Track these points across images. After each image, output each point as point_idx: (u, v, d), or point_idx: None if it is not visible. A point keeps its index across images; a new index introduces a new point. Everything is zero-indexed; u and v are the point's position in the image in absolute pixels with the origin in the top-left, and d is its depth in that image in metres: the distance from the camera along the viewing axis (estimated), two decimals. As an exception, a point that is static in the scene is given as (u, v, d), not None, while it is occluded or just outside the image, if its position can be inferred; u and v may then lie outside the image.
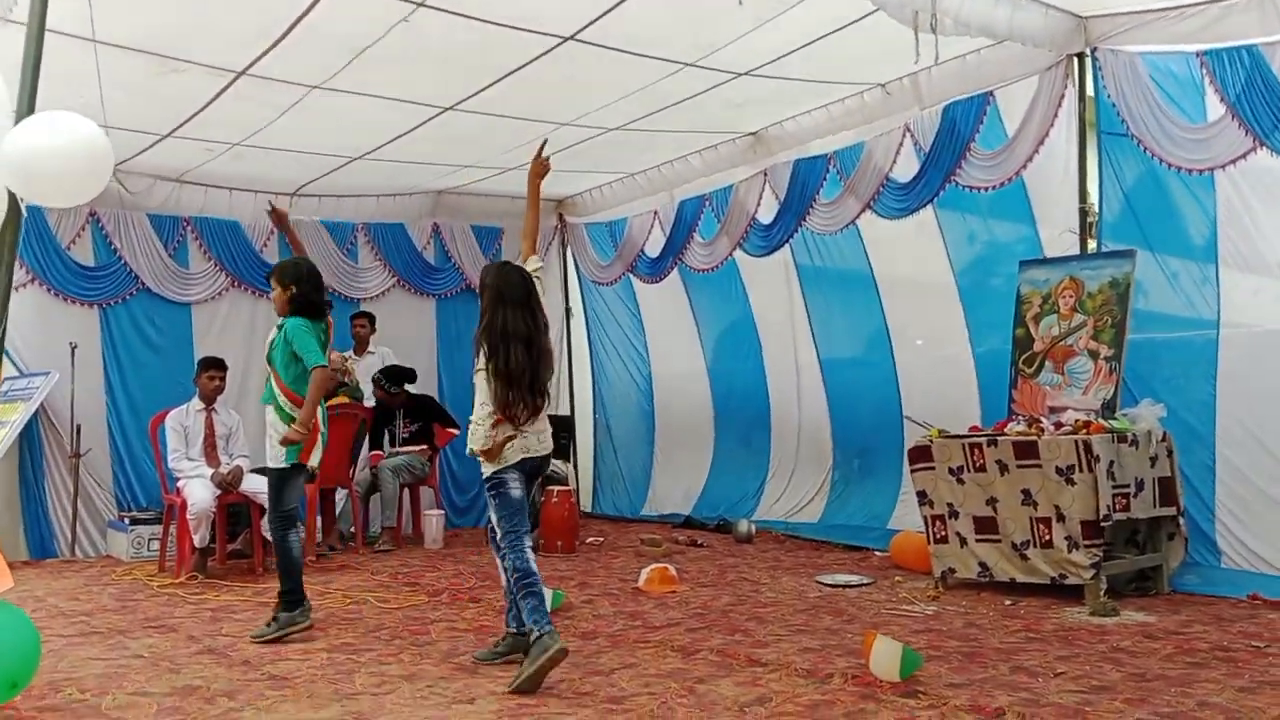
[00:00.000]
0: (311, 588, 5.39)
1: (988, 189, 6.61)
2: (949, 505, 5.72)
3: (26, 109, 3.66)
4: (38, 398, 7.60)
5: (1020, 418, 5.84)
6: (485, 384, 4.25)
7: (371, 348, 8.81)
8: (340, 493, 8.18)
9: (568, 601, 5.59)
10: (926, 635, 4.69)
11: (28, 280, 7.86)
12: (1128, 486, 5.26)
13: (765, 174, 8.00)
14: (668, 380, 9.85)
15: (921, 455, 5.86)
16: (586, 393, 10.46)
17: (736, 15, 5.44)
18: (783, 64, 6.36)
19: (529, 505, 4.42)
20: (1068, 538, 5.18)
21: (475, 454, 4.32)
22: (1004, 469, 5.45)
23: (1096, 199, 6.26)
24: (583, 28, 5.68)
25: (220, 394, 7.23)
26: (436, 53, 5.89)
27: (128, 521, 7.69)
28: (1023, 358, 6.14)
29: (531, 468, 4.38)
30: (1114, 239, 6.10)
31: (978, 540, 5.60)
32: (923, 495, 5.87)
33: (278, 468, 5.13)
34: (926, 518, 5.87)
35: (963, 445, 5.65)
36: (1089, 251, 6.21)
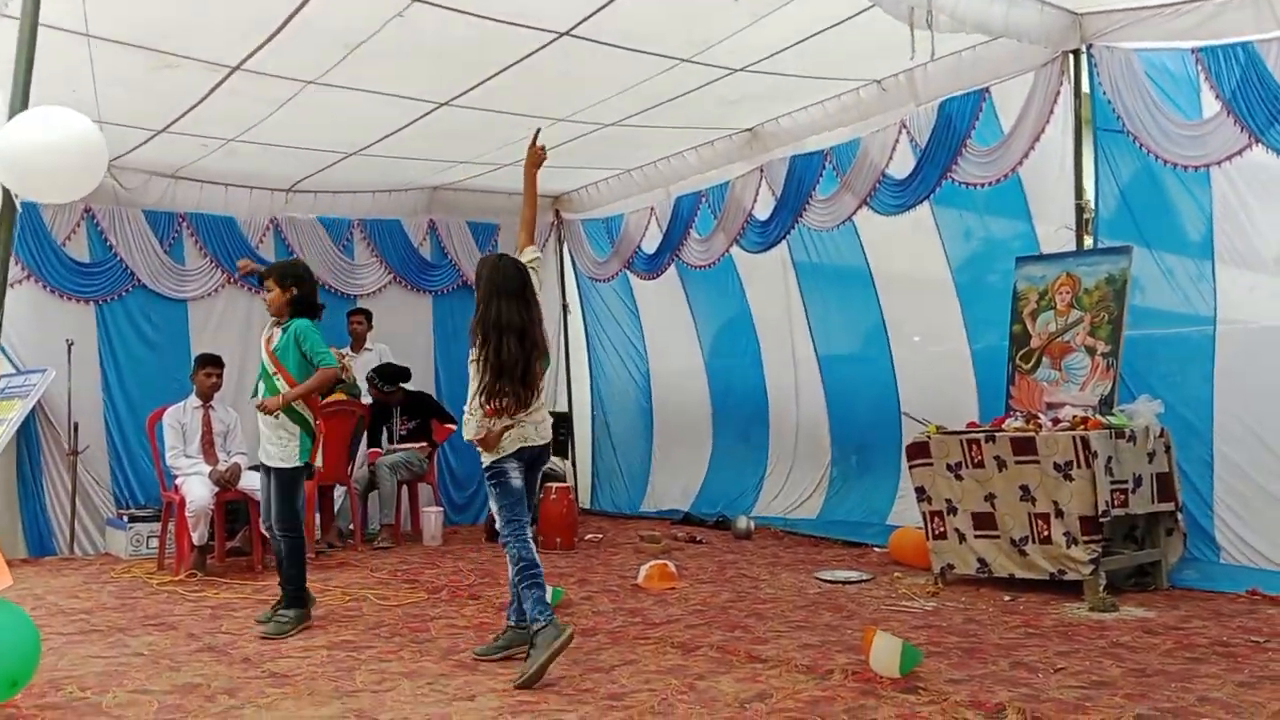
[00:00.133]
0: (311, 585, 5.38)
1: (984, 185, 6.62)
2: (947, 501, 5.73)
3: (20, 104, 3.65)
4: (34, 395, 7.52)
5: (1018, 414, 5.84)
6: (477, 373, 4.27)
7: (369, 344, 8.80)
8: (339, 490, 8.17)
9: (567, 598, 5.59)
10: (926, 631, 4.70)
11: (23, 277, 7.83)
12: (1126, 482, 5.27)
13: (761, 170, 8.00)
14: (666, 377, 9.85)
15: (919, 451, 5.87)
16: (585, 389, 10.46)
17: (732, 11, 5.44)
18: (778, 60, 6.35)
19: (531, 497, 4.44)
20: (1066, 533, 5.19)
21: (472, 442, 4.35)
22: (1002, 465, 5.45)
23: (1093, 195, 6.28)
24: (578, 23, 5.67)
25: (218, 391, 7.23)
26: (431, 48, 5.88)
27: (126, 519, 7.68)
28: (1020, 354, 6.15)
29: (530, 457, 4.40)
30: (1110, 235, 6.11)
31: (976, 536, 5.61)
32: (921, 491, 5.88)
33: (291, 467, 5.15)
34: (925, 514, 5.87)
35: (961, 441, 5.65)
36: (1085, 248, 6.23)
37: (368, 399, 8.37)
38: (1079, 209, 6.30)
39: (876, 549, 7.04)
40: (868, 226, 7.65)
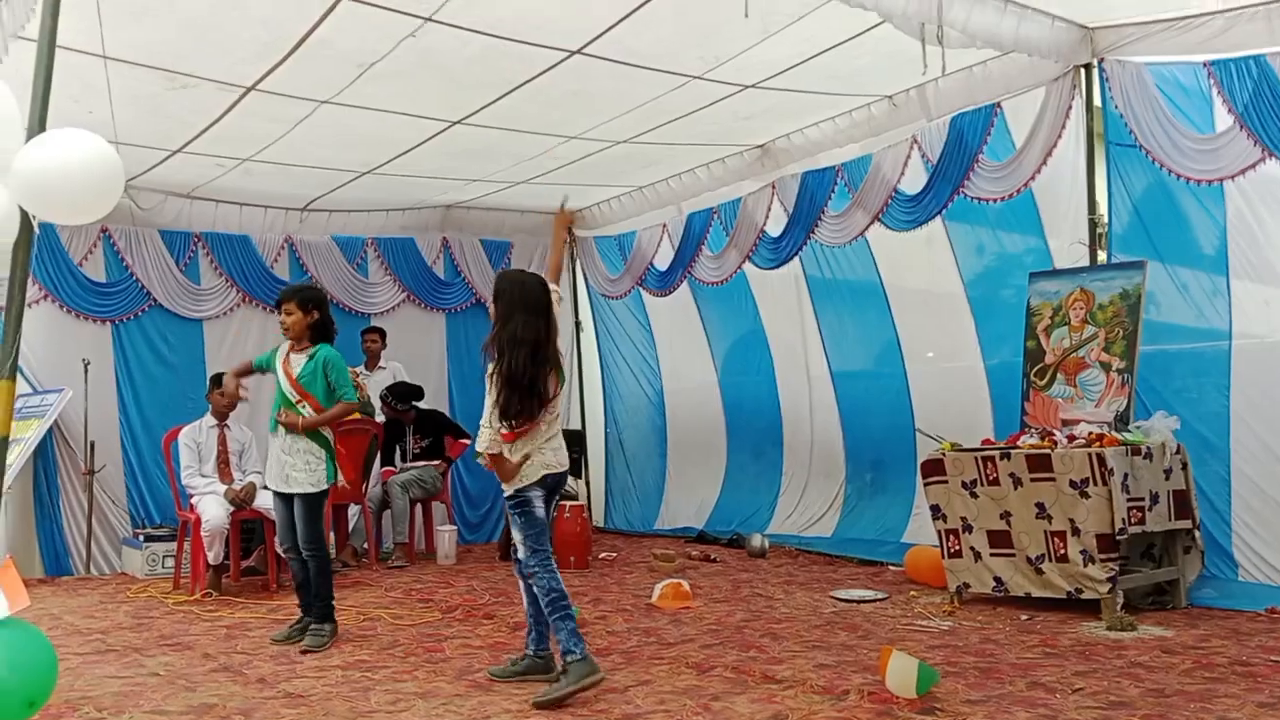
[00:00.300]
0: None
1: (996, 200, 6.60)
2: (963, 519, 5.70)
3: (38, 126, 3.68)
4: (51, 415, 7.64)
5: (1033, 430, 5.81)
6: (493, 388, 4.26)
7: (382, 363, 8.83)
8: (353, 508, 8.19)
9: (581, 617, 5.55)
10: (943, 651, 4.67)
11: (40, 297, 7.91)
12: (1142, 499, 5.23)
13: (773, 186, 8.00)
14: (679, 394, 9.84)
15: (934, 469, 5.84)
16: (598, 407, 10.45)
17: (743, 28, 5.45)
18: (789, 76, 6.37)
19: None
20: (1083, 551, 5.15)
21: (482, 458, 4.33)
22: (1017, 482, 5.42)
23: (1106, 210, 6.25)
24: (590, 41, 5.70)
25: (233, 410, 7.24)
26: (444, 67, 5.92)
27: (142, 538, 7.70)
28: (1034, 370, 6.12)
29: (554, 483, 4.37)
30: (1124, 250, 6.09)
31: (992, 554, 5.58)
32: (936, 509, 5.84)
33: (318, 491, 5.22)
34: (940, 532, 5.84)
35: (975, 459, 5.63)
36: (1099, 263, 6.20)
37: (381, 417, 8.38)
38: (1092, 224, 6.27)
39: (892, 567, 7.00)
40: (880, 242, 7.64)
